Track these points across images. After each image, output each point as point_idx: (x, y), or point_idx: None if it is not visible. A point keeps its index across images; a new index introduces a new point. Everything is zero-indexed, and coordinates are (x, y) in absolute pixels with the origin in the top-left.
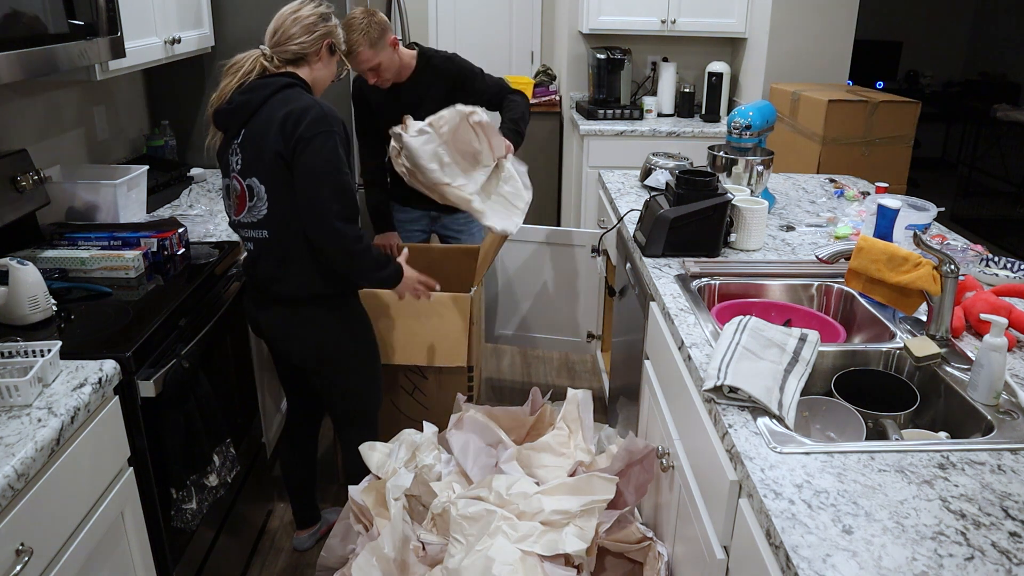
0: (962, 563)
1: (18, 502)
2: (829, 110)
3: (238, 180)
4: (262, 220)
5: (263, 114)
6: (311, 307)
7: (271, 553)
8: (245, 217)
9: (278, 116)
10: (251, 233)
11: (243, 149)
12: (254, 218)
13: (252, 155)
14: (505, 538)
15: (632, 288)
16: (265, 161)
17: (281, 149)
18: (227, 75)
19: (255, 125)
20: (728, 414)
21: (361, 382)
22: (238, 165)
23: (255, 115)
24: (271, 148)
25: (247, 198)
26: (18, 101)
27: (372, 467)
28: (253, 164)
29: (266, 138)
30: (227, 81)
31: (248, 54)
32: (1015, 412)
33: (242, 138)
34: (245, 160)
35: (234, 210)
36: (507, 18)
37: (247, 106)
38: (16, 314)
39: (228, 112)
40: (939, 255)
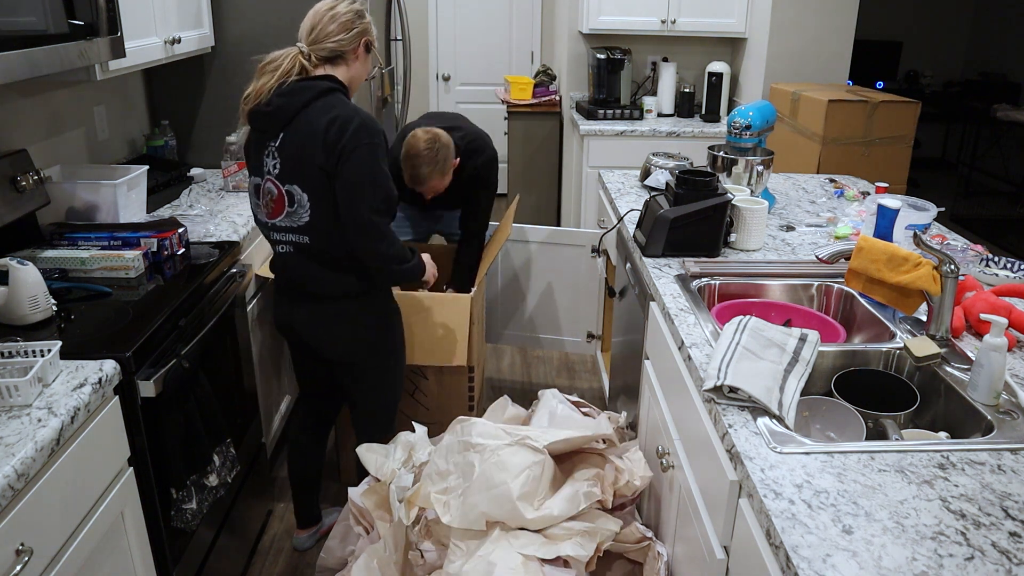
0: (962, 563)
1: (18, 502)
2: (829, 110)
3: (275, 184)
4: (303, 227)
5: (304, 119)
6: (349, 302)
7: (271, 553)
8: (282, 221)
9: (320, 125)
10: (289, 237)
11: (281, 153)
12: (294, 223)
13: (293, 161)
14: (507, 543)
15: (632, 288)
16: (307, 170)
17: (323, 161)
18: (264, 73)
19: (296, 130)
20: (728, 414)
21: (391, 377)
22: (276, 169)
23: (295, 119)
24: (314, 158)
25: (286, 203)
26: (18, 101)
27: (371, 469)
28: (294, 171)
29: (308, 147)
30: (265, 80)
31: (286, 52)
32: (1015, 412)
33: (281, 141)
34: (285, 165)
35: (267, 212)
36: (507, 18)
37: (287, 109)
38: (16, 314)
39: (267, 114)
40: (939, 255)
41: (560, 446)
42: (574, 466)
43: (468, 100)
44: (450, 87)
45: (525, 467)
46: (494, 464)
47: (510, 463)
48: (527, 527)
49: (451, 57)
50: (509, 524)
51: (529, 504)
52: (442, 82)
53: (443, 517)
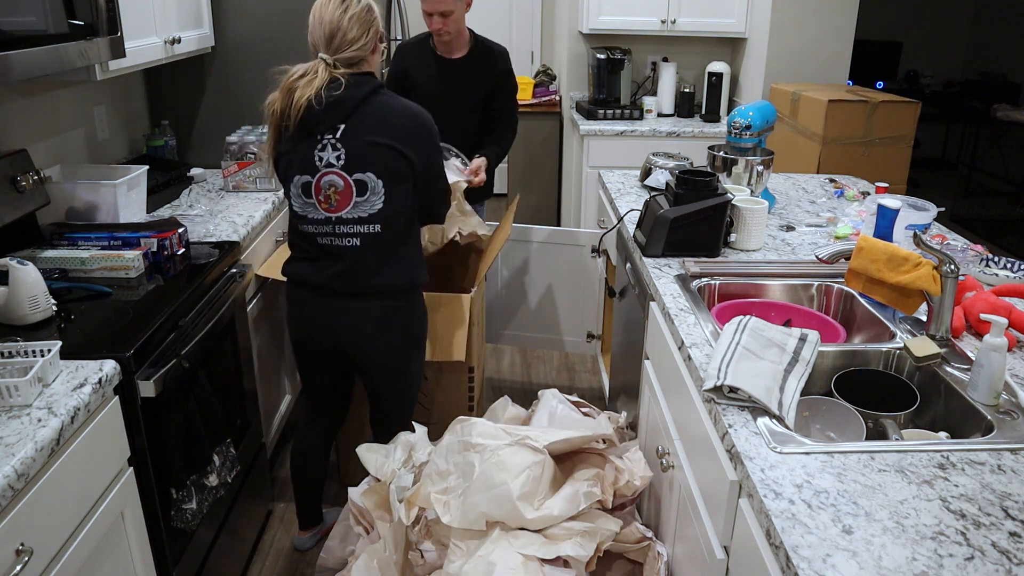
0: (962, 563)
1: (18, 502)
2: (829, 110)
3: (340, 175)
4: (375, 214)
5: (371, 110)
6: (401, 299)
7: (271, 553)
8: (350, 213)
9: (392, 115)
10: (358, 228)
11: (346, 143)
12: (364, 212)
13: (361, 150)
14: (507, 543)
15: (632, 288)
16: (382, 157)
17: (405, 149)
18: (295, 88)
19: (360, 120)
20: (728, 414)
21: (418, 374)
22: (340, 160)
23: (356, 110)
24: (391, 145)
25: (354, 193)
26: (18, 101)
27: (371, 469)
28: (364, 159)
29: (381, 134)
30: (303, 92)
31: (313, 64)
32: (1015, 412)
33: (343, 132)
34: (351, 155)
35: (331, 206)
36: (507, 18)
37: (348, 101)
38: (16, 314)
39: (325, 109)
40: (939, 255)
41: (560, 446)
42: (574, 466)
43: None
44: None
45: (525, 467)
46: (494, 464)
47: (510, 463)
48: (527, 527)
49: None
50: (509, 524)
51: (529, 504)
52: None
53: (443, 517)
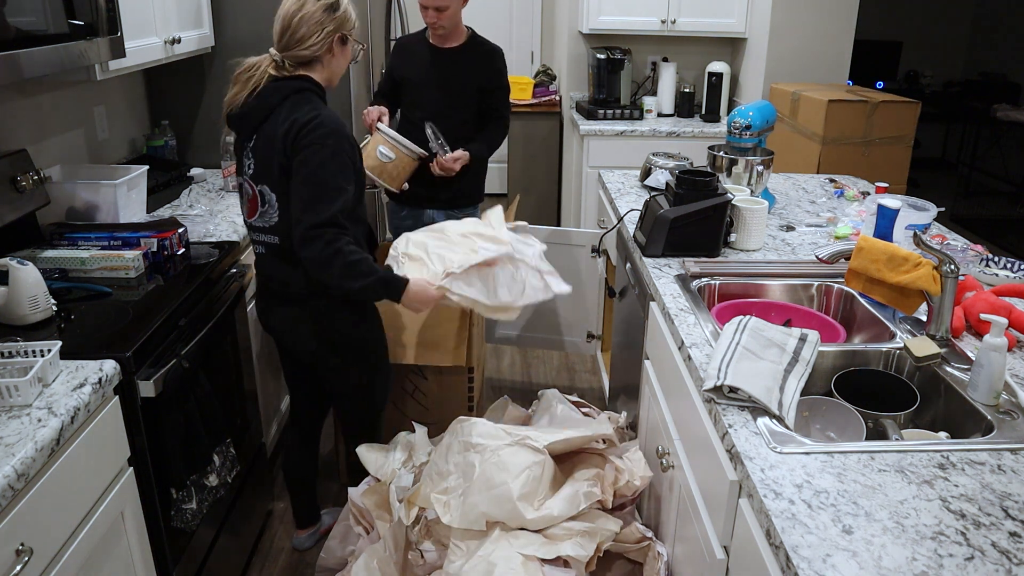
0: (962, 563)
1: (18, 502)
2: (829, 110)
3: (250, 185)
4: (274, 227)
5: (272, 121)
6: (320, 300)
7: (271, 553)
8: (257, 221)
9: (283, 127)
10: (263, 237)
11: (255, 154)
12: (266, 223)
13: (262, 163)
14: (507, 543)
15: (632, 288)
16: (273, 171)
17: (283, 160)
18: (237, 83)
19: (265, 132)
20: (728, 414)
21: (369, 378)
22: (250, 169)
23: (265, 121)
24: (277, 159)
25: (259, 203)
26: (18, 101)
27: (371, 469)
28: (264, 172)
29: (273, 148)
30: (237, 90)
31: (259, 60)
32: (1015, 412)
33: (254, 143)
34: (257, 166)
35: (247, 212)
36: (507, 18)
37: (257, 111)
38: (16, 314)
39: (239, 116)
40: (939, 255)
41: (560, 446)
42: (574, 466)
43: None
44: None
45: (525, 467)
46: (494, 464)
47: (510, 463)
48: (527, 527)
49: None
50: (509, 524)
51: (529, 504)
52: None
53: (443, 517)
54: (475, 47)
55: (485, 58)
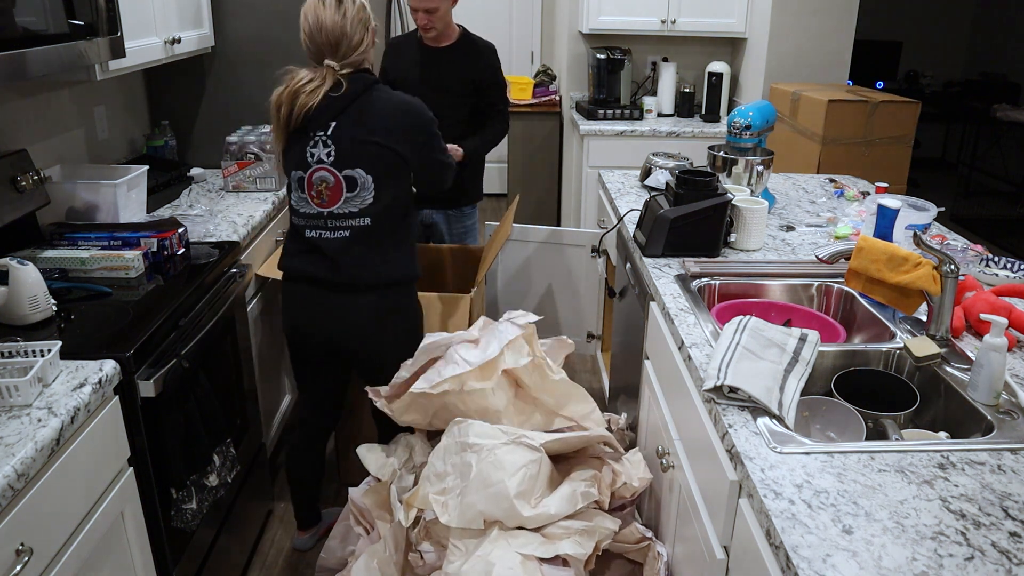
0: (962, 563)
1: (18, 502)
2: (829, 110)
3: (330, 171)
4: (367, 208)
5: (360, 107)
6: (396, 294)
7: (271, 553)
8: (342, 207)
9: (382, 111)
10: (349, 222)
11: (336, 141)
12: (355, 207)
13: (352, 148)
14: (506, 543)
15: (632, 288)
16: (371, 153)
17: (393, 143)
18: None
19: (351, 118)
20: (728, 414)
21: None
22: (330, 157)
23: (348, 108)
24: (378, 141)
25: (344, 189)
26: (18, 101)
27: (371, 469)
28: (355, 156)
29: (370, 131)
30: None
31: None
32: (1015, 412)
33: (333, 130)
34: (341, 152)
35: (322, 201)
36: (507, 18)
37: (340, 100)
38: (16, 314)
39: (319, 109)
40: (939, 255)
41: (557, 446)
42: (571, 468)
43: None
44: None
45: (522, 465)
46: (491, 463)
47: (507, 461)
48: (524, 525)
49: None
50: (507, 523)
51: (526, 502)
52: None
53: (441, 517)
54: (467, 45)
55: (478, 55)
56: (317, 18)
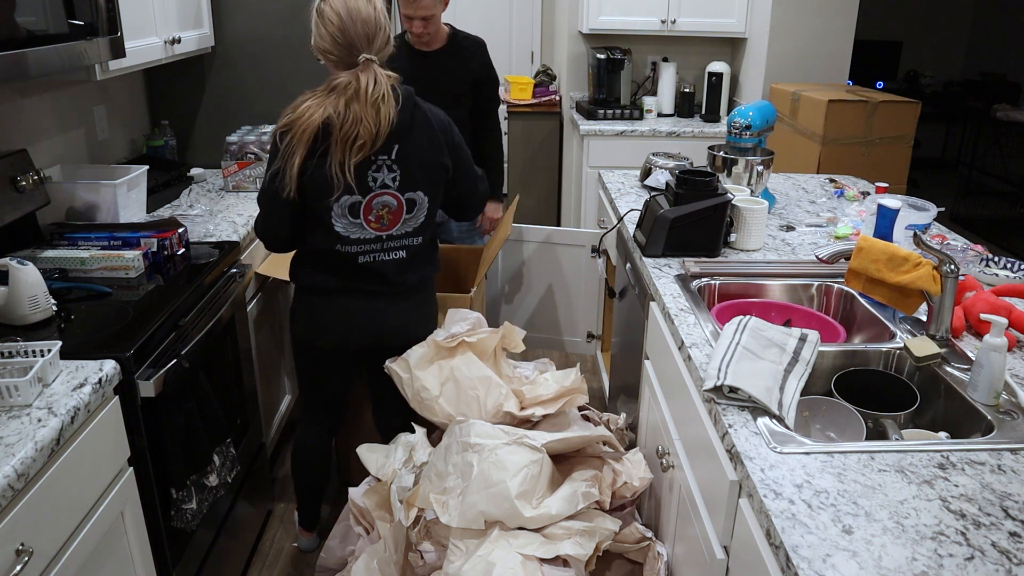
0: (962, 563)
1: (18, 502)
2: (829, 110)
3: (394, 196)
4: (419, 227)
5: (415, 129)
6: (426, 291)
7: (271, 553)
8: (399, 229)
9: (431, 128)
10: (404, 242)
11: (401, 164)
12: (411, 227)
13: (413, 169)
14: (506, 543)
15: (632, 288)
16: (429, 172)
17: (443, 159)
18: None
19: (411, 140)
20: (728, 414)
21: None
22: (395, 182)
23: (409, 128)
24: (435, 159)
25: (405, 211)
26: (18, 101)
27: (371, 469)
28: (415, 177)
29: (426, 151)
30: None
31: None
32: (1015, 412)
33: (397, 153)
34: (405, 175)
35: (384, 225)
36: (507, 18)
37: (403, 124)
38: (16, 314)
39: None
40: (939, 255)
41: (558, 446)
42: (572, 468)
43: None
44: None
45: (523, 466)
46: (492, 463)
47: (508, 462)
48: (525, 526)
49: None
50: (507, 523)
51: (527, 503)
52: None
53: (442, 517)
54: (460, 43)
55: (473, 50)
56: (349, 10)
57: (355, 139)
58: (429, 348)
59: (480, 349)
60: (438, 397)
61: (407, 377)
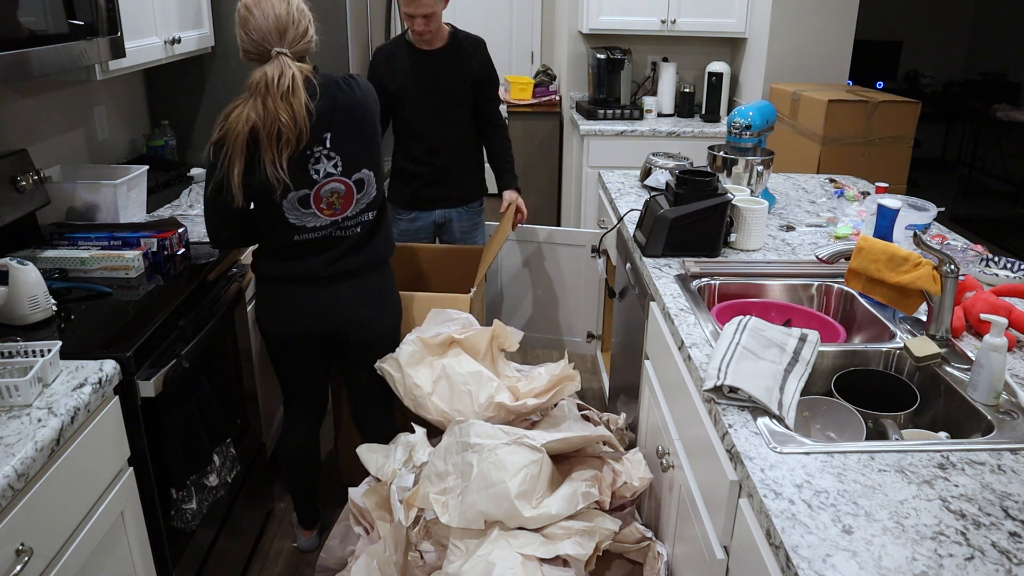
0: (962, 563)
1: (18, 502)
2: (829, 110)
3: (340, 181)
4: (372, 202)
5: (340, 112)
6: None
7: (271, 553)
8: (353, 210)
9: (358, 98)
10: (358, 220)
11: (338, 150)
12: (363, 205)
13: (351, 151)
14: (506, 543)
15: (632, 288)
16: (368, 148)
17: (373, 126)
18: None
19: (339, 124)
20: (728, 414)
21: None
22: (337, 168)
23: (334, 113)
24: (369, 132)
25: (355, 192)
26: (18, 101)
27: (371, 469)
28: (357, 158)
29: (363, 125)
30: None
31: (283, 66)
32: (1015, 412)
33: (330, 142)
34: (346, 159)
35: (336, 210)
36: (507, 18)
37: (327, 109)
38: (16, 314)
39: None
40: (939, 255)
41: (558, 446)
42: (572, 467)
43: None
44: None
45: (523, 466)
46: (492, 463)
47: (508, 462)
48: (525, 526)
49: None
50: (507, 523)
51: (527, 502)
52: None
53: (441, 517)
54: (460, 42)
55: (473, 49)
56: (261, 6)
57: (279, 135)
58: (418, 346)
59: (471, 346)
60: (431, 395)
61: (399, 376)
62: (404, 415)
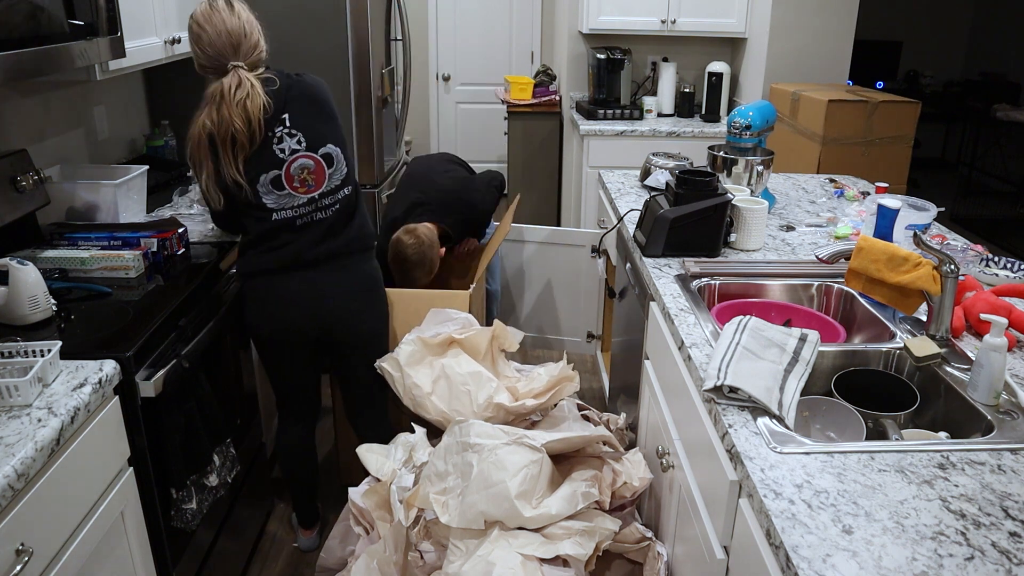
0: (962, 563)
1: (18, 502)
2: (829, 110)
3: (308, 156)
4: (345, 179)
5: (295, 92)
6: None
7: (271, 553)
8: (327, 186)
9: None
10: (336, 197)
11: (299, 127)
12: (337, 181)
13: (312, 126)
14: (506, 543)
15: (632, 288)
16: (329, 126)
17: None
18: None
19: (295, 104)
20: (728, 414)
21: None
22: (302, 144)
23: (288, 96)
24: (327, 111)
25: (326, 167)
26: (18, 101)
27: (371, 469)
28: (319, 132)
29: (316, 106)
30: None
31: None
32: (1015, 412)
33: (289, 121)
34: (309, 134)
35: (311, 186)
36: (507, 18)
37: (280, 91)
38: (16, 314)
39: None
40: (939, 255)
41: (558, 446)
42: (572, 467)
43: (468, 100)
44: (450, 87)
45: (523, 466)
46: (492, 463)
47: (508, 462)
48: (525, 526)
49: (451, 57)
50: (507, 523)
51: (527, 502)
52: (442, 82)
53: (441, 517)
54: None
55: None
56: (213, 24)
57: (232, 140)
58: (418, 346)
59: (471, 347)
60: (430, 394)
61: (398, 375)
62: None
